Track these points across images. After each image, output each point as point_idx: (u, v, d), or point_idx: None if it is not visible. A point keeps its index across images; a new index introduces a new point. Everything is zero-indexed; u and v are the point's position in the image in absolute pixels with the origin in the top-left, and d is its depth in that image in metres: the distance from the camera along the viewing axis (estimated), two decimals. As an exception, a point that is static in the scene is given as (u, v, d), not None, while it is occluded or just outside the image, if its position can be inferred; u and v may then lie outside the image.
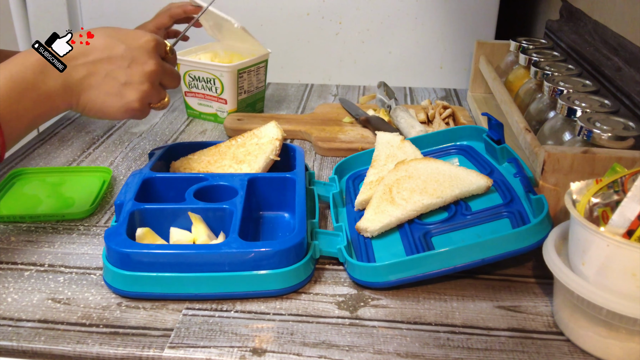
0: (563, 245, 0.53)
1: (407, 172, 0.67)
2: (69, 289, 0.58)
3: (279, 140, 0.75)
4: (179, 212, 0.63)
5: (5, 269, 0.60)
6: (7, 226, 0.68)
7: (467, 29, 1.19)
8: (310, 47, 1.22)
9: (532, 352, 0.50)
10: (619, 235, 0.45)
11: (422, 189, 0.65)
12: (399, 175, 0.67)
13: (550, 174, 0.60)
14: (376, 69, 1.24)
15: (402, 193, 0.65)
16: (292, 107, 1.08)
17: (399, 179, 0.67)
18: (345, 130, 0.93)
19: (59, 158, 0.86)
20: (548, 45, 0.94)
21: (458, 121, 0.94)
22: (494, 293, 0.58)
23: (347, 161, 0.77)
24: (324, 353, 0.50)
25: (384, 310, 0.55)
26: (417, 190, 0.65)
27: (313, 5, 1.19)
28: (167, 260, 0.55)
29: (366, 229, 0.63)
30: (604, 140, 0.61)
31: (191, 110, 1.02)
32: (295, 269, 0.56)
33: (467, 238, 0.60)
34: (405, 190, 0.65)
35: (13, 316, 0.54)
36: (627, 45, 0.79)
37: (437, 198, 0.64)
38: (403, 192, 0.65)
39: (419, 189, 0.65)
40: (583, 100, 0.70)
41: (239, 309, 0.55)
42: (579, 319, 0.49)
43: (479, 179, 0.65)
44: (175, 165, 0.73)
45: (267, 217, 0.70)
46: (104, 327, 0.52)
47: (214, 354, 0.50)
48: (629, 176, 0.49)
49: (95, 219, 0.70)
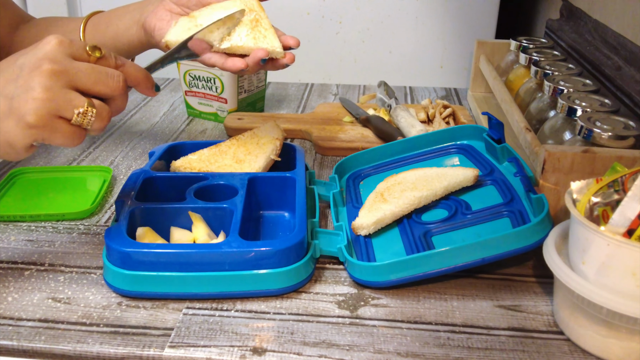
0: (563, 245, 0.53)
1: (396, 181, 0.68)
2: (69, 288, 0.58)
3: (279, 140, 0.75)
4: (180, 211, 0.63)
5: (6, 268, 0.60)
6: (7, 226, 0.68)
7: (467, 28, 1.19)
8: (311, 47, 1.22)
9: (532, 351, 0.50)
10: (619, 234, 0.45)
11: (413, 188, 0.66)
12: (389, 184, 0.68)
13: (551, 173, 0.60)
14: (376, 68, 1.24)
15: (393, 194, 0.66)
16: (293, 107, 1.08)
17: (389, 186, 0.67)
18: (346, 129, 0.93)
19: (59, 157, 0.86)
20: (548, 45, 0.94)
21: (458, 120, 0.94)
22: (494, 292, 0.58)
23: (347, 160, 0.77)
24: (324, 352, 0.50)
25: (384, 310, 0.55)
26: (407, 189, 0.66)
27: (313, 4, 1.19)
28: (167, 260, 0.55)
29: (361, 225, 0.63)
30: (604, 139, 0.61)
31: (191, 110, 1.02)
32: (296, 268, 0.56)
33: (467, 237, 0.60)
34: (397, 191, 0.66)
35: (13, 315, 0.54)
36: (627, 44, 0.79)
37: (427, 191, 0.65)
38: (394, 193, 0.66)
39: (410, 188, 0.66)
40: (583, 99, 0.70)
41: (239, 309, 0.55)
42: (579, 318, 0.49)
43: (465, 171, 0.67)
44: (175, 165, 0.73)
45: (268, 217, 0.70)
46: (104, 327, 0.52)
47: (214, 354, 0.50)
48: (629, 175, 0.49)
49: (96, 218, 0.70)
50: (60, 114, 0.50)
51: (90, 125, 0.51)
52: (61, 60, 0.50)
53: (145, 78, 0.56)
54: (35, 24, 0.84)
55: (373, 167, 0.77)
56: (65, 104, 0.49)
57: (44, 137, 0.50)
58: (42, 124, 0.49)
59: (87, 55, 0.52)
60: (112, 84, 0.52)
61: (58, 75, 0.49)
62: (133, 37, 0.73)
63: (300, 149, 0.76)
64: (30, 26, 0.83)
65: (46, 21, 0.84)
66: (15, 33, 0.82)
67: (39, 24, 0.83)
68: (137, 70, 0.56)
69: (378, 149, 0.77)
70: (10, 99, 0.49)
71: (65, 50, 0.50)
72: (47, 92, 0.48)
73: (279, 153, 0.74)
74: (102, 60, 0.53)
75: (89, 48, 0.52)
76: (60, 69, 0.49)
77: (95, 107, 0.51)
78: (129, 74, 0.54)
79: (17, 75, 0.49)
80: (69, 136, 0.51)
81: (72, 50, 0.51)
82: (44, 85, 0.48)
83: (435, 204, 0.66)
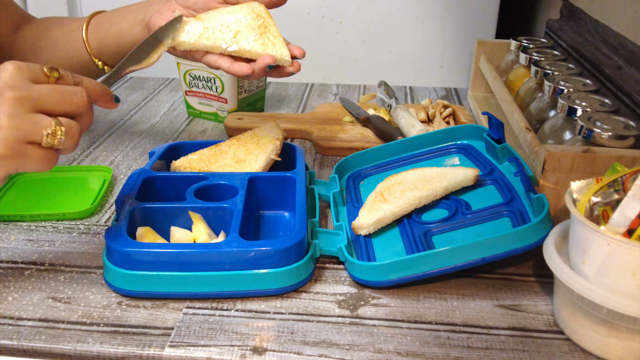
0: (563, 244, 0.53)
1: (396, 181, 0.68)
2: (69, 287, 0.58)
3: (280, 139, 0.75)
4: (180, 211, 0.63)
5: (6, 268, 0.60)
6: (7, 225, 0.68)
7: (467, 28, 1.19)
8: (311, 47, 1.22)
9: (532, 351, 0.50)
10: (619, 234, 0.45)
11: (413, 188, 0.66)
12: (389, 183, 0.68)
13: (551, 173, 0.60)
14: (376, 68, 1.24)
15: (393, 194, 0.66)
16: (293, 107, 1.08)
17: (389, 186, 0.67)
18: (346, 129, 0.93)
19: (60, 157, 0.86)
20: (548, 45, 0.94)
21: (458, 120, 0.94)
22: (495, 292, 0.58)
23: (347, 160, 0.77)
24: (324, 352, 0.50)
25: (384, 309, 0.55)
26: (407, 189, 0.66)
27: (313, 4, 1.19)
28: (167, 259, 0.55)
29: (361, 224, 0.63)
30: (604, 139, 0.61)
31: (191, 110, 1.02)
32: (296, 268, 0.56)
33: (467, 237, 0.60)
34: (397, 191, 0.66)
35: (13, 315, 0.54)
36: (628, 44, 0.79)
37: (427, 191, 0.65)
38: (394, 193, 0.66)
39: (410, 188, 0.66)
40: (583, 99, 0.70)
41: (239, 308, 0.55)
42: (579, 318, 0.50)
43: (465, 170, 0.67)
44: (175, 165, 0.73)
45: (268, 216, 0.70)
46: (104, 326, 0.52)
47: (214, 353, 0.50)
48: (629, 175, 0.49)
49: (96, 218, 0.70)
50: (29, 139, 0.49)
51: (62, 144, 0.51)
52: (22, 86, 0.49)
53: (103, 92, 0.56)
54: (36, 24, 0.84)
55: (373, 166, 0.77)
56: (32, 128, 0.49)
57: (16, 166, 0.49)
58: (12, 153, 0.48)
59: (46, 76, 0.51)
60: (76, 101, 0.52)
61: (21, 101, 0.48)
62: (136, 37, 0.73)
63: (300, 148, 0.76)
64: (31, 26, 0.83)
65: (48, 21, 0.84)
66: (17, 33, 0.82)
67: (40, 24, 0.83)
68: (95, 85, 0.55)
69: (378, 148, 0.77)
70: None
71: (24, 74, 0.50)
72: (13, 119, 0.48)
73: (279, 153, 0.74)
74: (61, 80, 0.52)
75: (47, 69, 0.51)
76: (22, 95, 0.48)
77: (64, 125, 0.50)
78: (88, 90, 0.54)
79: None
80: (42, 160, 0.50)
81: (30, 74, 0.50)
82: (8, 113, 0.48)
83: (436, 203, 0.66)
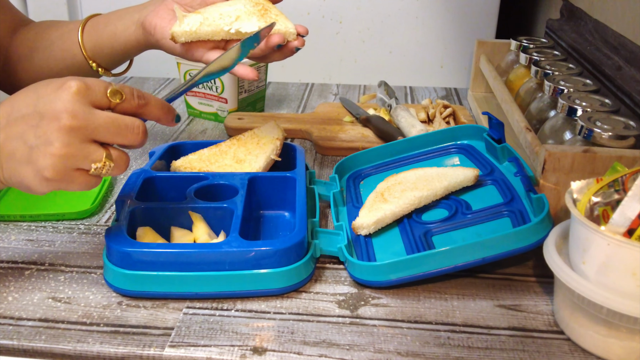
0: (563, 244, 0.53)
1: (396, 181, 0.68)
2: (69, 287, 0.58)
3: (280, 140, 0.75)
4: (180, 211, 0.63)
5: (6, 268, 0.60)
6: (7, 225, 0.68)
7: (467, 28, 1.19)
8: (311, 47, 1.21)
9: (532, 351, 0.50)
10: (619, 234, 0.45)
11: (413, 188, 0.66)
12: (389, 183, 0.68)
13: (551, 173, 0.60)
14: (377, 68, 1.24)
15: (394, 194, 0.66)
16: (293, 107, 1.08)
17: (389, 186, 0.67)
18: (346, 129, 0.93)
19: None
20: (549, 45, 0.94)
21: (458, 120, 0.94)
22: (495, 292, 0.58)
23: (347, 160, 0.77)
24: (324, 352, 0.50)
25: (384, 309, 0.55)
26: (408, 189, 0.66)
27: (313, 4, 1.19)
28: (167, 259, 0.55)
29: (362, 224, 0.63)
30: (604, 139, 0.61)
31: (192, 110, 1.02)
32: (296, 268, 0.56)
33: (467, 237, 0.60)
34: (397, 191, 0.66)
35: (14, 315, 0.54)
36: (628, 44, 0.79)
37: (427, 191, 0.65)
38: (395, 192, 0.66)
39: (410, 188, 0.66)
40: (584, 99, 0.70)
41: (239, 308, 0.55)
42: (579, 318, 0.49)
43: (465, 170, 0.67)
44: (175, 165, 0.73)
45: (268, 216, 0.70)
46: (104, 326, 0.52)
47: (214, 353, 0.50)
48: (629, 175, 0.49)
49: (96, 218, 0.70)
50: (78, 167, 0.50)
51: (108, 174, 0.52)
52: (80, 114, 0.49)
53: (168, 112, 0.55)
54: (33, 26, 0.83)
55: (373, 166, 0.77)
56: (83, 158, 0.49)
57: (61, 187, 0.51)
58: (60, 178, 0.49)
59: (108, 100, 0.51)
60: (131, 137, 0.52)
61: (77, 131, 0.48)
62: (131, 37, 0.73)
63: (300, 148, 0.76)
64: (29, 29, 0.83)
65: (45, 24, 0.83)
66: (14, 36, 0.82)
67: (37, 27, 0.83)
68: (160, 106, 0.55)
69: (378, 148, 0.77)
70: (30, 148, 0.49)
71: (84, 99, 0.49)
72: (66, 148, 0.48)
73: (279, 153, 0.74)
74: (124, 103, 0.52)
75: (110, 93, 0.51)
76: (79, 125, 0.48)
77: (113, 159, 0.51)
78: (150, 112, 0.54)
79: (37, 123, 0.49)
80: (86, 185, 0.51)
81: (92, 98, 0.50)
82: (63, 141, 0.48)
83: (436, 203, 0.66)
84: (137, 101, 0.53)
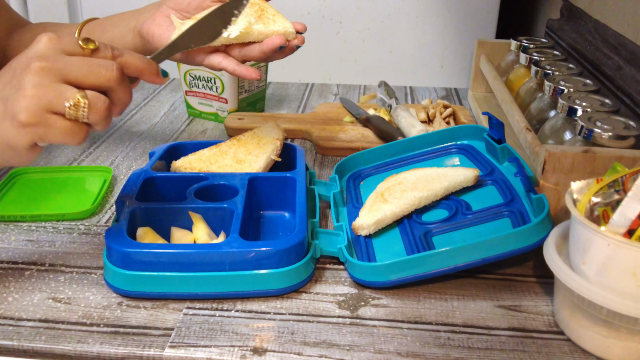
0: (564, 245, 0.53)
1: (396, 181, 0.68)
2: (69, 288, 0.58)
3: (280, 140, 0.75)
4: (180, 211, 0.63)
5: (6, 268, 0.60)
6: (7, 226, 0.68)
7: (467, 28, 1.19)
8: (311, 47, 1.21)
9: (532, 351, 0.50)
10: (619, 234, 0.45)
11: (413, 188, 0.66)
12: (389, 184, 0.68)
13: (551, 174, 0.60)
14: (377, 68, 1.24)
15: (394, 194, 0.66)
16: (293, 107, 1.08)
17: (389, 186, 0.67)
18: (346, 129, 0.93)
19: (60, 157, 0.86)
20: (549, 45, 0.94)
21: (459, 120, 0.94)
22: (495, 292, 0.58)
23: (347, 160, 0.77)
24: (324, 352, 0.50)
25: (384, 310, 0.55)
26: (408, 190, 0.66)
27: (313, 4, 1.19)
28: (167, 260, 0.55)
29: (362, 225, 0.63)
30: (604, 139, 0.61)
31: (192, 110, 1.02)
32: (296, 268, 0.56)
33: (467, 237, 0.60)
34: (397, 192, 0.66)
35: (14, 315, 0.54)
36: (628, 44, 0.79)
37: (428, 191, 0.65)
38: (395, 193, 0.66)
39: (410, 188, 0.66)
40: (584, 99, 0.70)
41: (239, 309, 0.55)
42: (579, 319, 0.49)
43: (465, 171, 0.67)
44: (175, 165, 0.73)
45: (268, 217, 0.70)
46: (104, 327, 0.52)
47: (214, 354, 0.50)
48: (629, 175, 0.49)
49: (96, 218, 0.70)
50: (52, 109, 0.49)
51: (86, 117, 0.49)
52: (51, 56, 0.49)
53: (148, 65, 0.54)
54: (30, 29, 0.83)
55: (373, 167, 0.77)
56: (55, 98, 0.48)
57: (40, 135, 0.49)
58: (35, 121, 0.48)
59: (81, 48, 0.51)
60: (105, 74, 0.50)
61: (47, 71, 0.48)
62: (128, 44, 0.73)
63: (300, 149, 0.76)
64: (25, 31, 0.83)
65: (41, 26, 0.83)
66: (10, 38, 0.82)
67: (34, 29, 0.83)
68: (137, 59, 0.54)
69: (378, 149, 0.77)
70: (5, 101, 0.49)
71: (55, 46, 0.50)
72: (37, 88, 0.48)
73: (279, 153, 0.74)
74: (97, 52, 0.51)
75: (82, 41, 0.51)
76: (49, 65, 0.48)
77: (89, 98, 0.49)
78: (128, 63, 0.53)
79: (11, 77, 0.49)
80: (67, 132, 0.49)
81: (63, 46, 0.50)
82: (33, 82, 0.48)
83: (436, 204, 0.66)
84: (110, 52, 0.52)
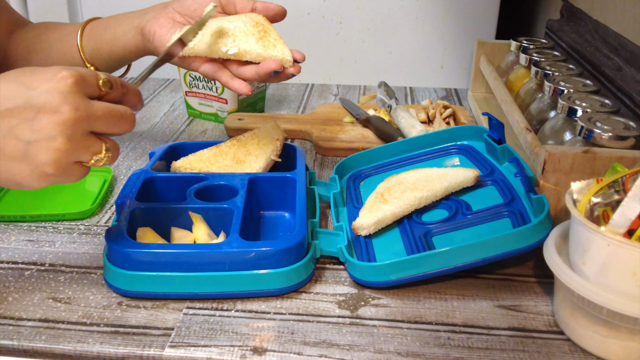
0: (564, 245, 0.53)
1: (396, 181, 0.68)
2: (69, 288, 0.58)
3: (280, 140, 0.75)
4: (180, 211, 0.63)
5: (6, 268, 0.60)
6: (7, 226, 0.68)
7: (467, 28, 1.19)
8: (311, 47, 1.22)
9: (532, 351, 0.50)
10: (619, 234, 0.45)
11: (413, 188, 0.66)
12: (389, 184, 0.68)
13: (551, 174, 0.60)
14: (377, 68, 1.24)
15: (394, 194, 0.66)
16: (293, 107, 1.08)
17: (389, 187, 0.67)
18: (346, 130, 0.93)
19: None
20: (549, 45, 0.94)
21: (459, 121, 0.94)
22: (495, 292, 0.58)
23: (347, 161, 0.77)
24: (324, 352, 0.50)
25: (384, 310, 0.55)
26: (408, 190, 0.66)
27: (313, 4, 1.19)
28: (167, 260, 0.55)
29: (362, 225, 0.63)
30: (604, 140, 0.61)
31: (192, 110, 1.02)
32: (296, 268, 0.56)
33: (467, 238, 0.60)
34: (397, 192, 0.66)
35: (14, 315, 0.54)
36: (628, 45, 0.79)
37: (428, 192, 0.65)
38: (395, 193, 0.66)
39: (410, 189, 0.66)
40: (584, 100, 0.70)
41: (239, 308, 0.55)
42: (579, 318, 0.50)
43: (465, 171, 0.67)
44: (175, 165, 0.73)
45: (268, 217, 0.70)
46: (104, 326, 0.52)
47: (214, 353, 0.50)
48: (629, 176, 0.49)
49: (96, 218, 0.70)
50: (79, 160, 0.50)
51: (102, 164, 0.51)
52: (80, 105, 0.48)
53: (140, 99, 0.56)
54: (31, 28, 0.83)
55: (373, 167, 0.77)
56: (84, 151, 0.49)
57: (57, 181, 0.50)
58: (60, 173, 0.49)
59: (99, 90, 0.50)
60: (125, 127, 0.52)
61: (79, 123, 0.48)
62: (130, 42, 0.73)
63: (300, 149, 0.76)
64: (26, 30, 0.82)
65: (43, 25, 0.83)
66: (11, 37, 0.82)
67: (35, 28, 0.82)
68: (136, 94, 0.55)
69: (378, 149, 0.78)
70: (27, 143, 0.47)
71: (81, 90, 0.49)
72: (69, 142, 0.47)
73: (279, 153, 0.75)
74: (112, 92, 0.52)
75: (102, 83, 0.50)
76: (80, 116, 0.48)
77: (111, 150, 0.51)
78: (129, 100, 0.54)
79: (33, 117, 0.47)
80: (80, 176, 0.51)
81: (87, 90, 0.49)
82: (67, 135, 0.47)
83: (436, 204, 0.66)
84: (120, 89, 0.53)
